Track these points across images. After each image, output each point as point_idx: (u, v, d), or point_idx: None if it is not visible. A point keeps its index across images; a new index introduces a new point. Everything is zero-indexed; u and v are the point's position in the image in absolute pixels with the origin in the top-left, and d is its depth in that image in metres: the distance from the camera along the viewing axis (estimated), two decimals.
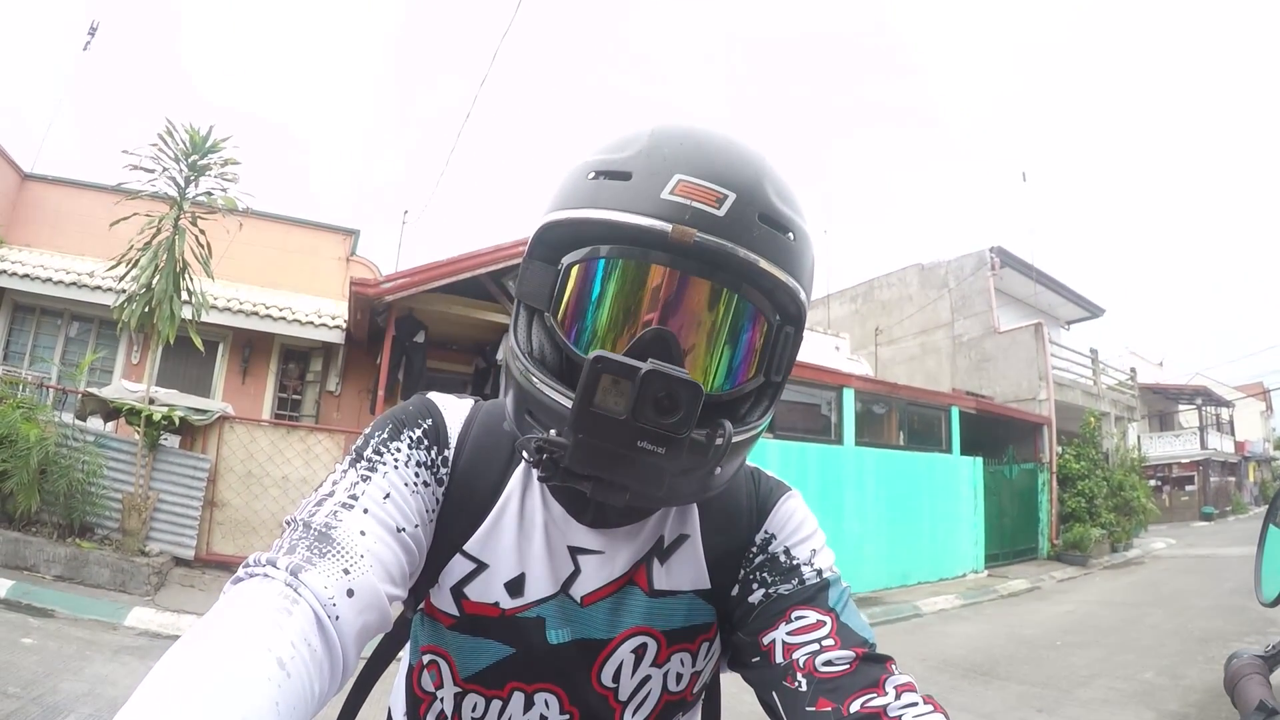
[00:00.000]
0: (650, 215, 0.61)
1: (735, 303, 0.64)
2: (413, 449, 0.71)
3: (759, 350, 0.67)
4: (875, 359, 17.05)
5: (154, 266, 6.33)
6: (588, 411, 0.56)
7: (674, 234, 0.60)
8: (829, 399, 10.38)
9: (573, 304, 0.65)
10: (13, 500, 5.93)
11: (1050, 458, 14.11)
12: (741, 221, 0.62)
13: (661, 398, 0.55)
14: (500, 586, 0.73)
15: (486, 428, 0.77)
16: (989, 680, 5.60)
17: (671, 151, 0.63)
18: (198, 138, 6.50)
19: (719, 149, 0.65)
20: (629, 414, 0.55)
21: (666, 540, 0.76)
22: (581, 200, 0.64)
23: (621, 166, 0.64)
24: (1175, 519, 24.42)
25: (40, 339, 9.43)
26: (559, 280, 0.65)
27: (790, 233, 0.65)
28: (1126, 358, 22.34)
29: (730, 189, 0.62)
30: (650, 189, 0.61)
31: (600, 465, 0.59)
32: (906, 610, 8.51)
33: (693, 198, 0.61)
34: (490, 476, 0.75)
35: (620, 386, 0.55)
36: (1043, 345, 15.01)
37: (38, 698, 3.63)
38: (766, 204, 0.63)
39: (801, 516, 0.79)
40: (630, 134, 0.67)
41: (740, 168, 0.64)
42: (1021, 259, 17.25)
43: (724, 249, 0.61)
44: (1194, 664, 5.82)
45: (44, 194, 10.52)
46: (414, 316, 8.35)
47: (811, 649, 0.67)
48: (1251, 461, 31.76)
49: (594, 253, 0.64)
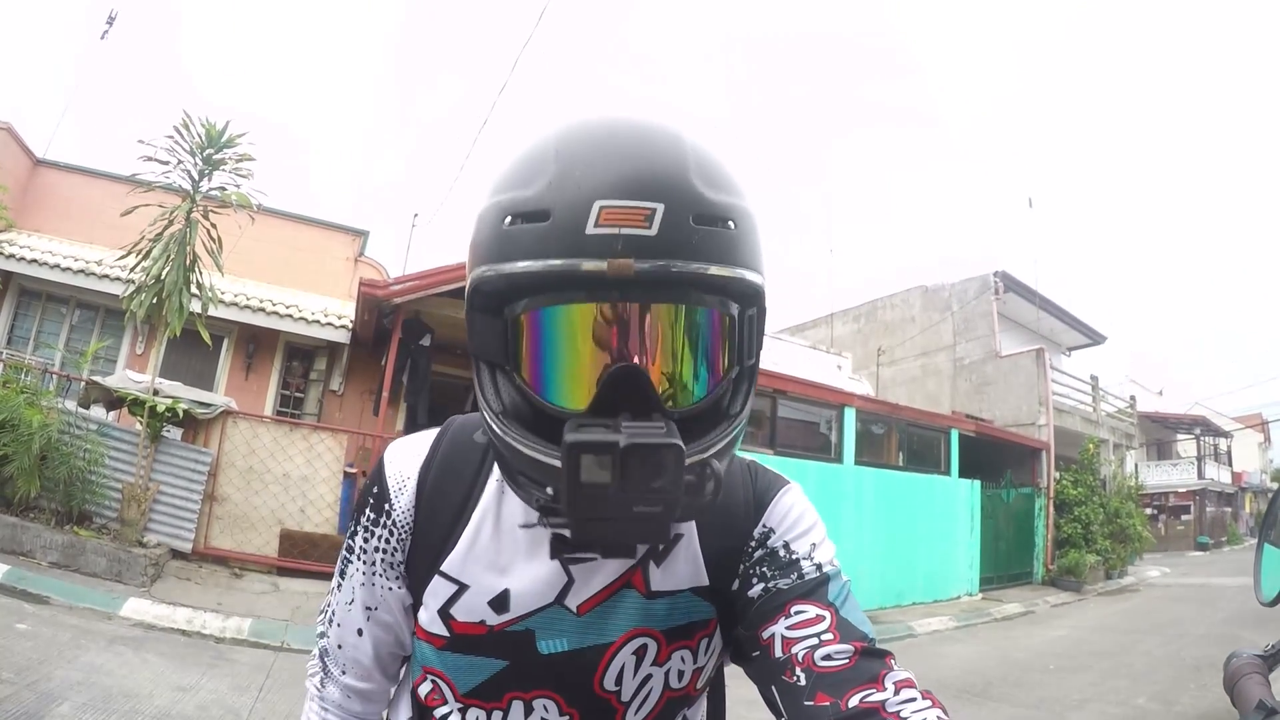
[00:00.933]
0: (580, 255, 0.57)
1: (691, 315, 0.63)
2: (365, 532, 0.78)
3: (727, 346, 0.65)
4: (876, 379, 17.06)
5: (165, 258, 6.35)
6: (579, 494, 0.55)
7: (610, 270, 0.57)
8: (830, 418, 10.40)
9: (530, 356, 0.63)
10: (12, 485, 5.92)
11: (1048, 483, 14.11)
12: (677, 232, 0.58)
13: (646, 466, 0.55)
14: (484, 604, 0.73)
15: (456, 446, 0.78)
16: (982, 702, 5.59)
17: (584, 174, 0.59)
18: (214, 132, 6.53)
19: (634, 154, 0.61)
20: (617, 486, 0.55)
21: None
22: (504, 252, 0.60)
23: (535, 205, 0.60)
24: (1170, 548, 24.36)
25: (45, 325, 9.45)
26: (508, 333, 0.63)
27: (729, 221, 0.61)
28: (1126, 385, 22.30)
29: (656, 199, 0.58)
30: (573, 225, 0.58)
31: (605, 536, 0.59)
32: (901, 630, 8.49)
33: (620, 224, 0.57)
34: (458, 495, 0.75)
35: (603, 460, 0.55)
36: (1043, 371, 15.03)
37: (31, 684, 3.62)
38: (697, 202, 0.60)
39: (800, 510, 0.79)
40: (534, 159, 0.63)
41: (661, 169, 0.60)
42: (1025, 284, 17.30)
43: (667, 270, 0.58)
44: (1187, 691, 5.81)
45: (55, 180, 10.54)
46: (421, 320, 8.35)
47: (810, 643, 0.66)
48: (1248, 492, 31.66)
49: (535, 302, 0.61)
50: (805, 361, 12.68)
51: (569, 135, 0.63)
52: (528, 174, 0.62)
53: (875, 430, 11.25)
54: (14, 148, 10.01)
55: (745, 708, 1.13)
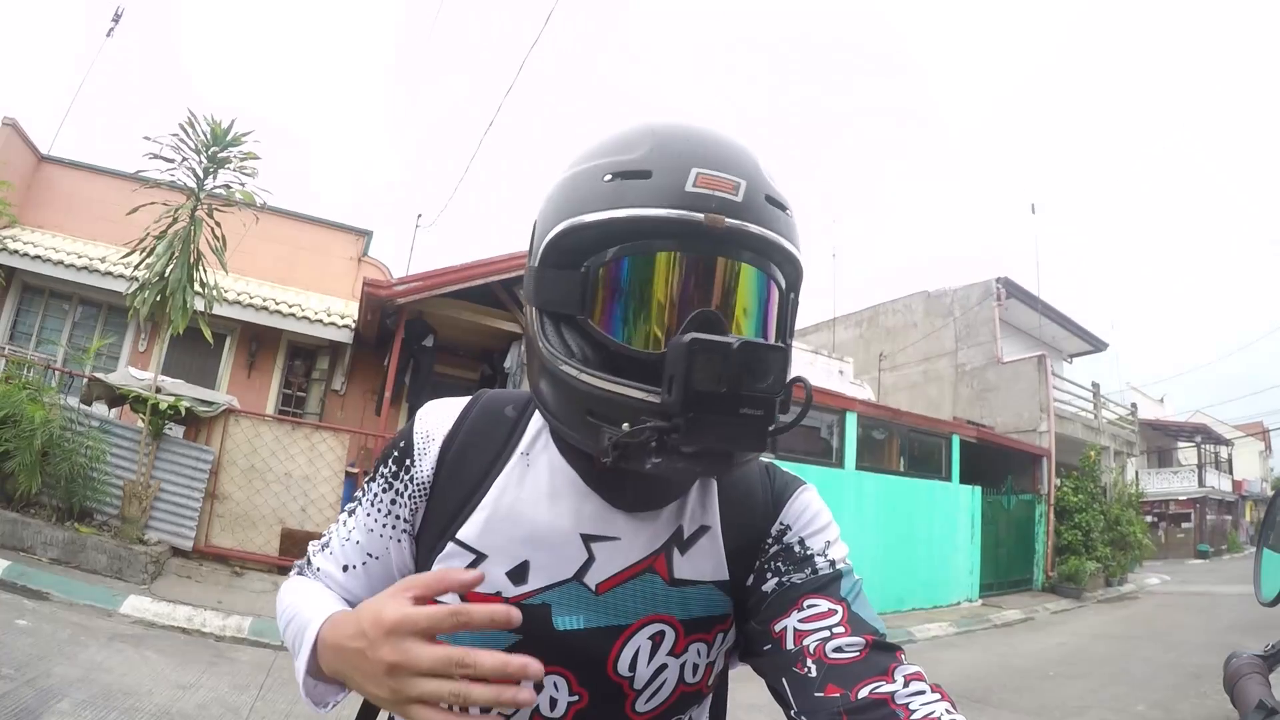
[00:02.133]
0: (680, 207, 0.64)
1: (762, 278, 0.69)
2: (383, 482, 0.80)
3: (778, 316, 0.72)
4: (878, 384, 17.05)
5: (169, 255, 6.36)
6: (693, 391, 0.59)
7: (707, 222, 0.64)
8: (831, 422, 10.38)
9: (616, 302, 0.67)
10: (13, 481, 5.92)
11: (1048, 489, 14.09)
12: (755, 204, 0.66)
13: (755, 366, 0.60)
14: (502, 575, 0.73)
15: (485, 415, 0.81)
16: (982, 708, 5.58)
17: (682, 147, 0.67)
18: (219, 130, 6.54)
19: (719, 141, 0.69)
20: (730, 385, 0.59)
21: (686, 531, 0.77)
22: (606, 202, 0.66)
23: (639, 166, 0.66)
24: (1171, 555, 24.35)
25: (48, 321, 9.47)
26: (587, 282, 0.67)
27: (787, 210, 0.70)
28: (1128, 393, 22.33)
29: (741, 176, 0.66)
30: (673, 184, 0.65)
31: (710, 438, 0.61)
32: (900, 636, 8.45)
33: (713, 188, 0.65)
34: (481, 464, 0.77)
35: (714, 363, 0.59)
36: (1045, 377, 15.01)
37: (31, 680, 3.62)
38: (768, 186, 0.68)
39: (816, 509, 0.81)
40: (631, 134, 0.70)
41: (741, 156, 0.68)
42: (1027, 290, 17.29)
43: (749, 230, 0.66)
44: (1186, 699, 5.81)
45: (59, 177, 10.55)
46: (424, 320, 8.37)
47: (822, 635, 0.68)
48: (1249, 501, 31.64)
49: (632, 249, 0.66)
50: (807, 366, 12.67)
51: (662, 121, 0.71)
52: (627, 144, 0.69)
53: (876, 435, 11.24)
54: (18, 144, 10.03)
55: (745, 712, 1.13)
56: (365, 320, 8.70)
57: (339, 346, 9.80)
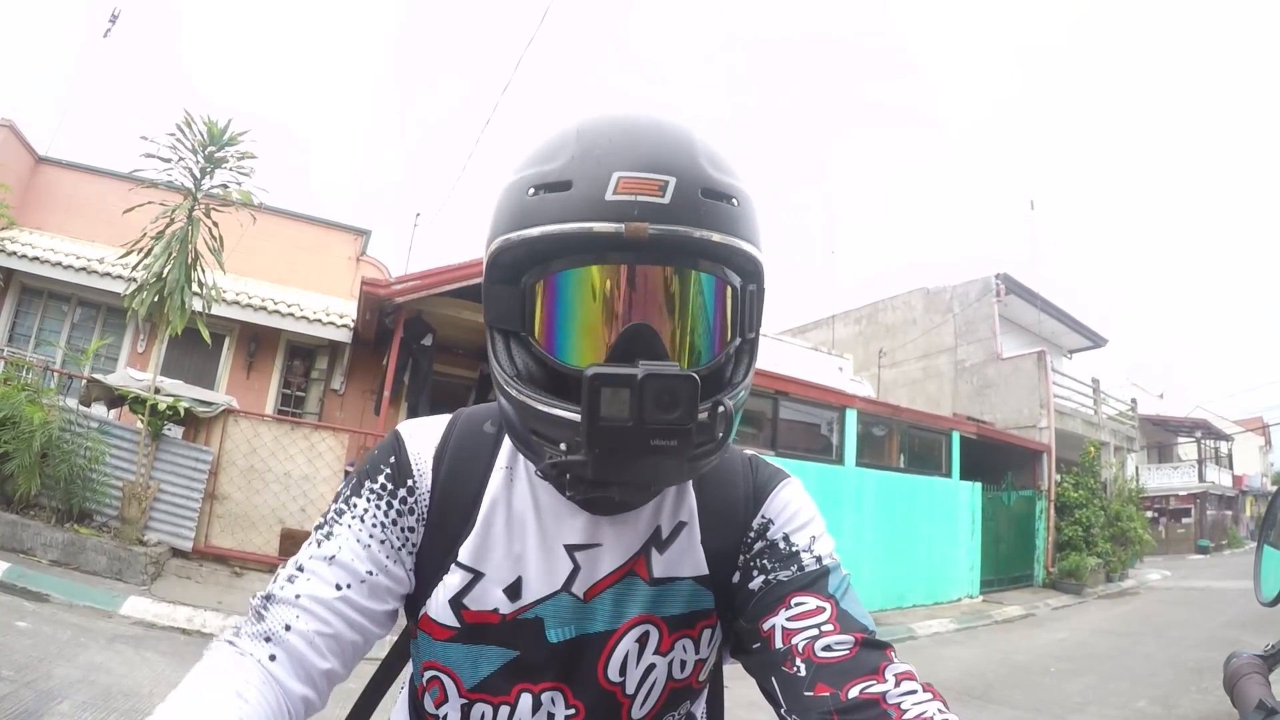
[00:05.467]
0: (600, 219, 0.62)
1: (698, 280, 0.67)
2: (373, 499, 0.74)
3: (730, 315, 0.69)
4: (878, 381, 17.04)
5: (167, 256, 6.34)
6: (597, 427, 0.59)
7: (627, 232, 0.62)
8: (831, 419, 10.39)
9: (547, 319, 0.66)
10: (13, 482, 5.91)
11: (1049, 485, 14.10)
12: (687, 203, 0.63)
13: (662, 397, 0.58)
14: (499, 592, 0.73)
15: (467, 434, 0.79)
16: (983, 705, 5.58)
17: (604, 150, 0.64)
18: (215, 130, 6.52)
19: (649, 135, 0.66)
20: (635, 419, 0.58)
21: (665, 529, 0.77)
22: (528, 219, 0.64)
23: (559, 176, 0.64)
24: (1171, 551, 24.37)
25: (46, 323, 9.45)
26: (526, 299, 0.67)
27: (733, 199, 0.66)
28: (1127, 388, 22.30)
29: (669, 173, 0.63)
30: (593, 193, 0.62)
31: (622, 472, 0.62)
32: (901, 632, 8.48)
33: (636, 192, 0.62)
34: (471, 483, 0.76)
35: (620, 395, 0.58)
36: (1045, 373, 15.02)
37: (31, 682, 3.61)
38: (705, 178, 0.65)
39: (800, 503, 0.80)
40: (556, 139, 0.68)
41: (673, 149, 0.65)
42: (1026, 286, 17.29)
43: (677, 234, 0.63)
44: (1187, 694, 5.81)
45: (57, 178, 10.54)
46: (423, 319, 8.35)
47: (811, 634, 0.67)
48: (1249, 496, 31.64)
49: (554, 266, 0.65)
50: (806, 363, 12.67)
51: (589, 120, 0.68)
52: (550, 152, 0.67)
53: (876, 432, 11.25)
54: (16, 145, 10.02)
55: (745, 710, 1.13)
56: (364, 320, 8.68)
57: (338, 346, 9.79)
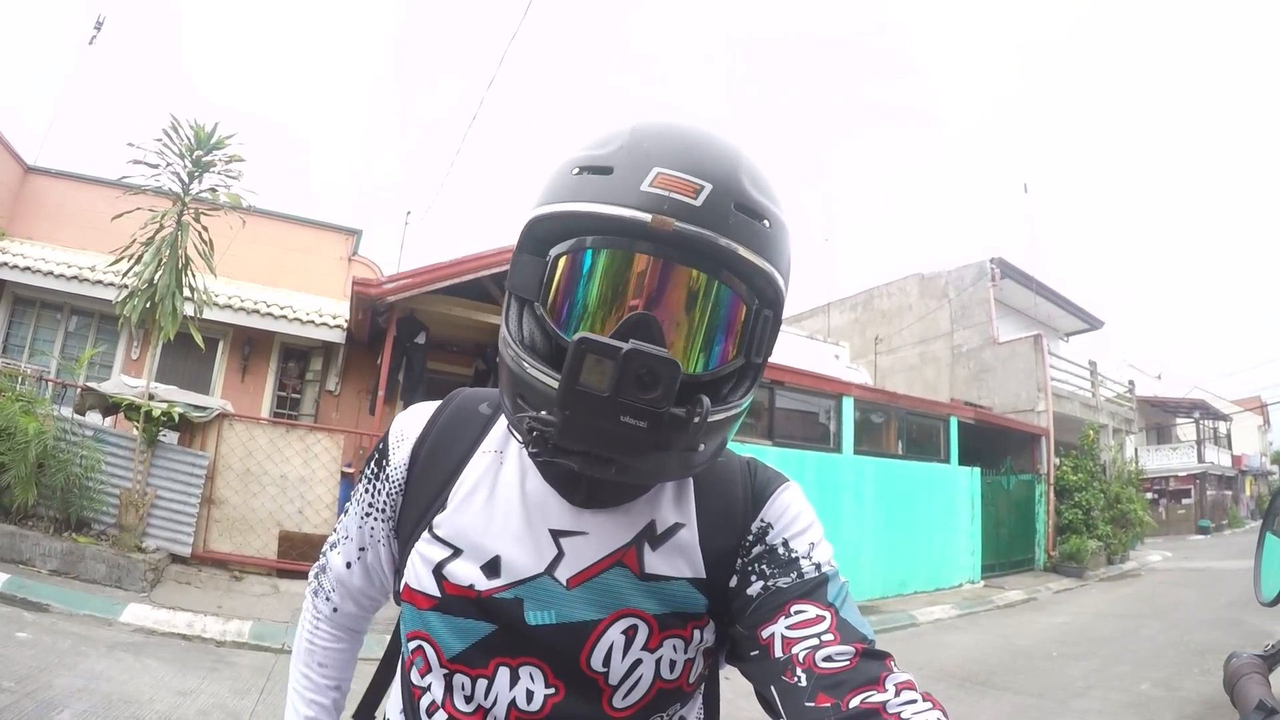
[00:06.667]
0: (631, 206, 0.64)
1: (714, 288, 0.67)
2: (366, 483, 0.86)
3: (739, 333, 0.69)
4: (874, 368, 17.07)
5: (157, 261, 6.31)
6: (573, 389, 0.60)
7: (653, 223, 0.63)
8: (828, 407, 10.39)
9: (560, 292, 0.68)
10: (9, 493, 5.89)
11: (1048, 469, 14.12)
12: (718, 211, 0.64)
13: (642, 374, 0.59)
14: (476, 569, 0.74)
15: (459, 410, 0.84)
16: (985, 690, 5.59)
17: (651, 146, 0.66)
18: (202, 134, 6.48)
19: (696, 143, 0.68)
20: (612, 390, 0.59)
21: (659, 527, 0.77)
22: (567, 195, 0.67)
23: (604, 162, 0.67)
24: (1171, 532, 24.46)
25: (40, 332, 9.41)
26: (547, 271, 0.68)
27: (765, 220, 0.67)
28: (1125, 370, 22.33)
29: (707, 180, 0.65)
30: (631, 182, 0.65)
31: (587, 440, 0.63)
32: (903, 619, 8.50)
33: (671, 189, 0.64)
34: (452, 458, 0.80)
35: (604, 366, 0.59)
36: (1042, 357, 15.03)
37: (31, 693, 3.61)
38: (742, 194, 0.66)
39: (799, 508, 0.79)
40: (613, 131, 0.70)
41: (716, 160, 0.67)
42: (1022, 270, 17.30)
43: (702, 236, 0.64)
44: (1190, 676, 5.83)
45: (47, 187, 10.49)
46: (415, 317, 8.34)
47: (811, 644, 0.67)
48: (1248, 476, 31.78)
49: (579, 243, 0.67)
50: (803, 351, 12.67)
51: (647, 120, 0.71)
52: (604, 140, 0.70)
53: (874, 419, 11.25)
54: (4, 156, 9.97)
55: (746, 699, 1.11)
56: (356, 320, 8.67)
57: (332, 347, 9.77)
